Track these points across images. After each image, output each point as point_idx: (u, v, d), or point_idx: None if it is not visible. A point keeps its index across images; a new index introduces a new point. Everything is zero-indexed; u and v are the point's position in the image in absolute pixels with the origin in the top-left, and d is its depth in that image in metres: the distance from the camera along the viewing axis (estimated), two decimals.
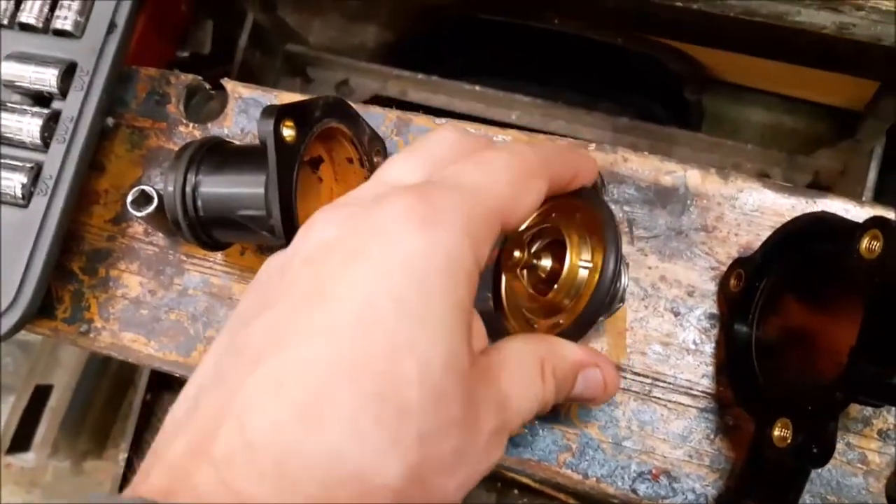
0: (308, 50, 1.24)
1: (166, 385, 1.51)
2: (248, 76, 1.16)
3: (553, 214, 0.63)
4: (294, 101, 0.60)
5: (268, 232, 0.60)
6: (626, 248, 0.67)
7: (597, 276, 0.58)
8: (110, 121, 0.75)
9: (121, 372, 1.78)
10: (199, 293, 0.71)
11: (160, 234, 0.72)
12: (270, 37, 1.21)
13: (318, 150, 0.67)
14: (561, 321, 0.60)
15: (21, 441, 1.61)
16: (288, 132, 0.57)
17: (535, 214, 0.66)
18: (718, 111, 1.35)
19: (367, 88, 1.24)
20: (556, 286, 0.60)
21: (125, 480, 1.56)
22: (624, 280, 0.63)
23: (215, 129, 0.75)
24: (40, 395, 1.65)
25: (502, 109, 1.22)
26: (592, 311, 0.58)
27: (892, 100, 1.03)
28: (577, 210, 0.61)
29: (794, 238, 0.59)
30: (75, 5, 0.72)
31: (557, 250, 0.61)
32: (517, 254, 0.61)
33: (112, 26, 0.72)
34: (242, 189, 0.62)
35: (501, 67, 1.32)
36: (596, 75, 1.31)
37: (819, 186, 1.15)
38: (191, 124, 0.75)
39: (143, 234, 0.73)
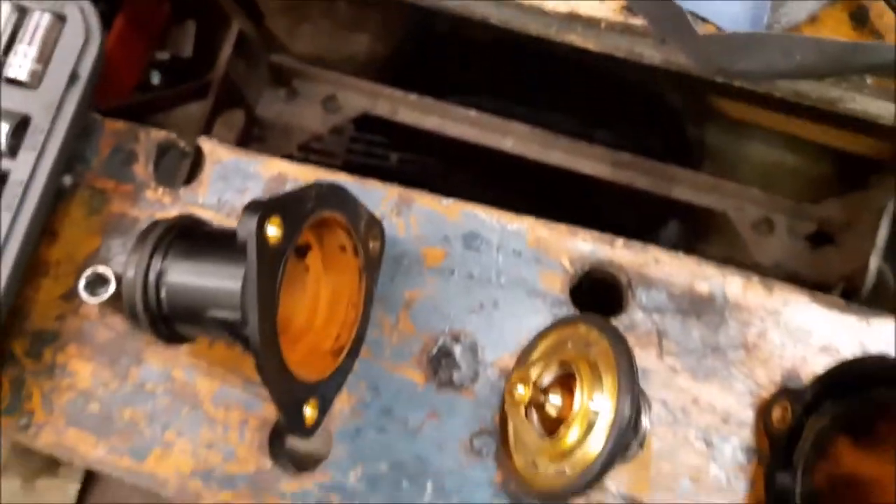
0: (294, 62, 1.15)
1: None
2: (231, 87, 1.07)
3: (567, 344, 0.55)
4: (284, 194, 0.51)
5: (242, 341, 0.51)
6: (654, 365, 0.59)
7: (611, 420, 0.50)
8: (67, 179, 0.65)
9: None
10: (160, 388, 0.61)
11: (118, 316, 0.63)
12: (255, 46, 1.11)
13: (307, 237, 0.58)
14: (567, 471, 0.52)
15: None
16: (274, 232, 0.48)
17: (544, 339, 0.58)
18: (717, 146, 1.26)
19: (356, 106, 1.15)
20: (563, 428, 0.52)
21: None
22: (645, 423, 0.55)
23: (188, 195, 0.65)
24: None
25: (497, 136, 1.13)
26: (601, 465, 0.50)
27: None
28: (591, 342, 0.54)
29: (857, 379, 0.51)
30: (32, 51, 0.62)
31: (570, 386, 0.53)
32: (522, 390, 0.52)
33: (74, 77, 0.63)
34: (215, 284, 0.53)
35: (494, 87, 1.23)
36: (593, 103, 1.22)
37: (823, 236, 1.07)
38: (160, 189, 0.65)
39: (97, 316, 0.63)
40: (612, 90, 1.19)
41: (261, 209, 0.48)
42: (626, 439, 0.52)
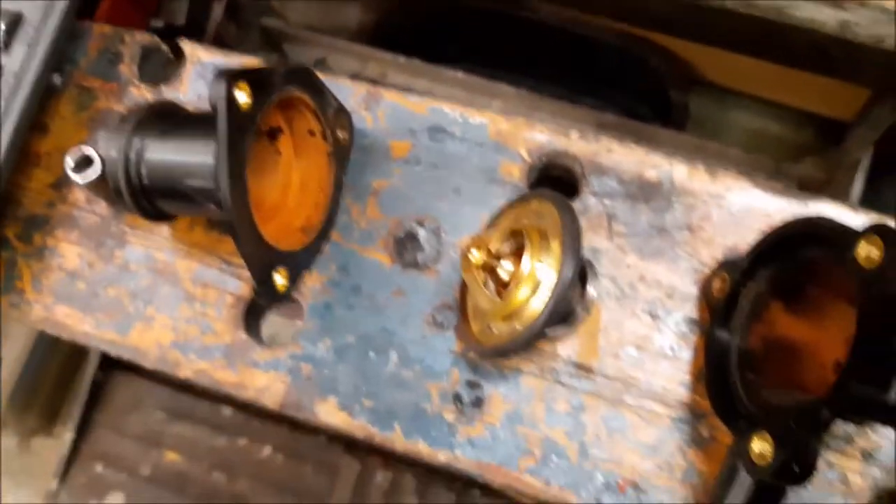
0: (285, 26, 1.19)
1: (118, 364, 1.44)
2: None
3: (521, 218, 0.59)
4: (253, 66, 0.55)
5: (215, 204, 0.55)
6: (603, 245, 0.63)
7: (555, 280, 0.55)
8: (57, 78, 0.69)
9: (73, 347, 1.71)
10: (142, 268, 0.66)
11: (103, 203, 0.67)
12: (246, 10, 1.15)
13: (278, 120, 0.62)
14: (517, 326, 0.56)
15: None
16: (243, 98, 0.52)
17: (501, 217, 0.62)
18: (702, 113, 1.30)
19: (346, 68, 1.19)
20: (513, 287, 0.56)
21: (69, 465, 1.51)
22: (591, 291, 0.59)
23: (169, 93, 0.69)
24: None
25: (484, 98, 1.17)
26: (545, 318, 0.54)
27: (883, 109, 1.00)
28: (543, 214, 0.58)
29: (785, 242, 0.55)
30: None
31: (522, 255, 0.57)
32: (477, 254, 0.57)
33: None
34: (190, 157, 0.57)
35: (483, 56, 1.27)
36: (580, 70, 1.26)
37: None
38: (143, 86, 0.69)
39: (84, 202, 0.67)
40: (598, 58, 1.23)
41: (230, 74, 0.52)
42: (570, 300, 0.56)
